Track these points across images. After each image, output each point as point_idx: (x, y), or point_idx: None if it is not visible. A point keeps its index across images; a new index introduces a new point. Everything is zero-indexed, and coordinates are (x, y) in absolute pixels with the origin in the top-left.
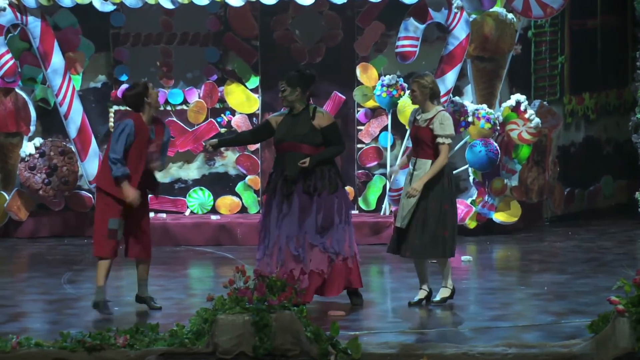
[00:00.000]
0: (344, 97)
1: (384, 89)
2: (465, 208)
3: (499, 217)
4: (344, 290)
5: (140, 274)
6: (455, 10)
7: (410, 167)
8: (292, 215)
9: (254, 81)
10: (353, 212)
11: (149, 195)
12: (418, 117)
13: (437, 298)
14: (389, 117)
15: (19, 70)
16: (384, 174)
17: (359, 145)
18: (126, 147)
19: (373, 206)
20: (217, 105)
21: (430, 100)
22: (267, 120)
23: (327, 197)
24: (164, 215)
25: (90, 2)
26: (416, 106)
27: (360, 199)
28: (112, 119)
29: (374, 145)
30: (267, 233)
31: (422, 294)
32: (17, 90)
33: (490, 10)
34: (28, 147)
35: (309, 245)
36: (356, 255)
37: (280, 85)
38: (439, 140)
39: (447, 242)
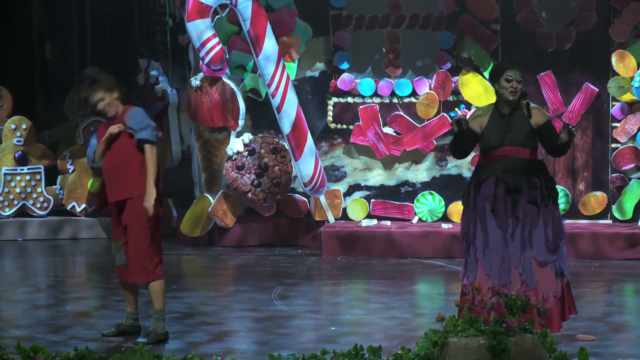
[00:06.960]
0: (596, 90)
1: None
2: None
3: None
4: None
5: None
6: None
7: None
8: (518, 230)
9: None
10: (606, 221)
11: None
12: None
13: None
14: None
15: (227, 56)
16: None
17: (614, 145)
18: None
19: (629, 215)
20: (450, 98)
21: None
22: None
23: (552, 207)
24: (388, 222)
25: None
26: None
27: (614, 207)
28: (330, 113)
29: (630, 145)
30: (484, 252)
31: None
32: (225, 80)
33: None
34: (236, 144)
35: (537, 263)
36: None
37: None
38: None
39: None
